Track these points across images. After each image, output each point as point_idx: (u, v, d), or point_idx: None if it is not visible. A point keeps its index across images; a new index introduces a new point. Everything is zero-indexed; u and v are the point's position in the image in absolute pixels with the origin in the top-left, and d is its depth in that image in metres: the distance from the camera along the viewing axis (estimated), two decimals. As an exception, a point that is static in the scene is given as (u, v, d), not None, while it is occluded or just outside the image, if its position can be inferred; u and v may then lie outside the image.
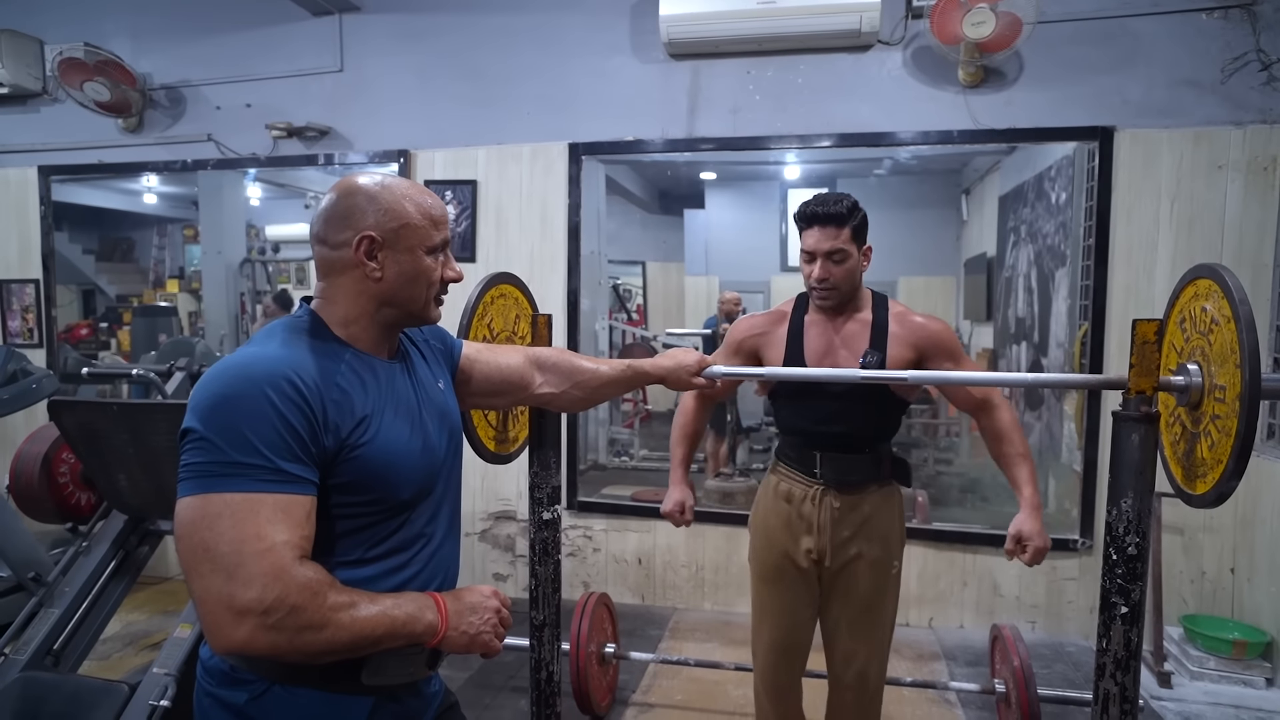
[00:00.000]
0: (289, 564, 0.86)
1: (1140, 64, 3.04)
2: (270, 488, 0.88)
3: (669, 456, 2.08)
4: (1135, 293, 3.06)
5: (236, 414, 0.88)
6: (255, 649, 0.86)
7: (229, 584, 0.85)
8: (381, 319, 1.05)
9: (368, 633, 0.91)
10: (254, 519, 0.86)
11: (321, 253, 1.04)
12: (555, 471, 1.67)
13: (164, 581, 3.86)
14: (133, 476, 2.21)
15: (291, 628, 0.86)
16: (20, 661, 2.10)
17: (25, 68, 3.97)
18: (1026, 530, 1.69)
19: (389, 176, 1.07)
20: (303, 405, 0.91)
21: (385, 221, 1.01)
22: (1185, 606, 3.08)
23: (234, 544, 0.85)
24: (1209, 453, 1.26)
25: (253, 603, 0.84)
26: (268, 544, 0.86)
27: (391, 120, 3.70)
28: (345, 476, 0.96)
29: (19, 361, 3.05)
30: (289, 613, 0.85)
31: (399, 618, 0.94)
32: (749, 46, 3.28)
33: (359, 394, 0.99)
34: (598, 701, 2.56)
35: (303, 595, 0.86)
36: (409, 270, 1.04)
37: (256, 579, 0.84)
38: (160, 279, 5.95)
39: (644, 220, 6.42)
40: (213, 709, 0.99)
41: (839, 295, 1.79)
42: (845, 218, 1.74)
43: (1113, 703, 1.33)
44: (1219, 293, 1.24)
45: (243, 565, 0.85)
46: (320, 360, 0.97)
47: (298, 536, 0.89)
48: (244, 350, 0.96)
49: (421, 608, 0.97)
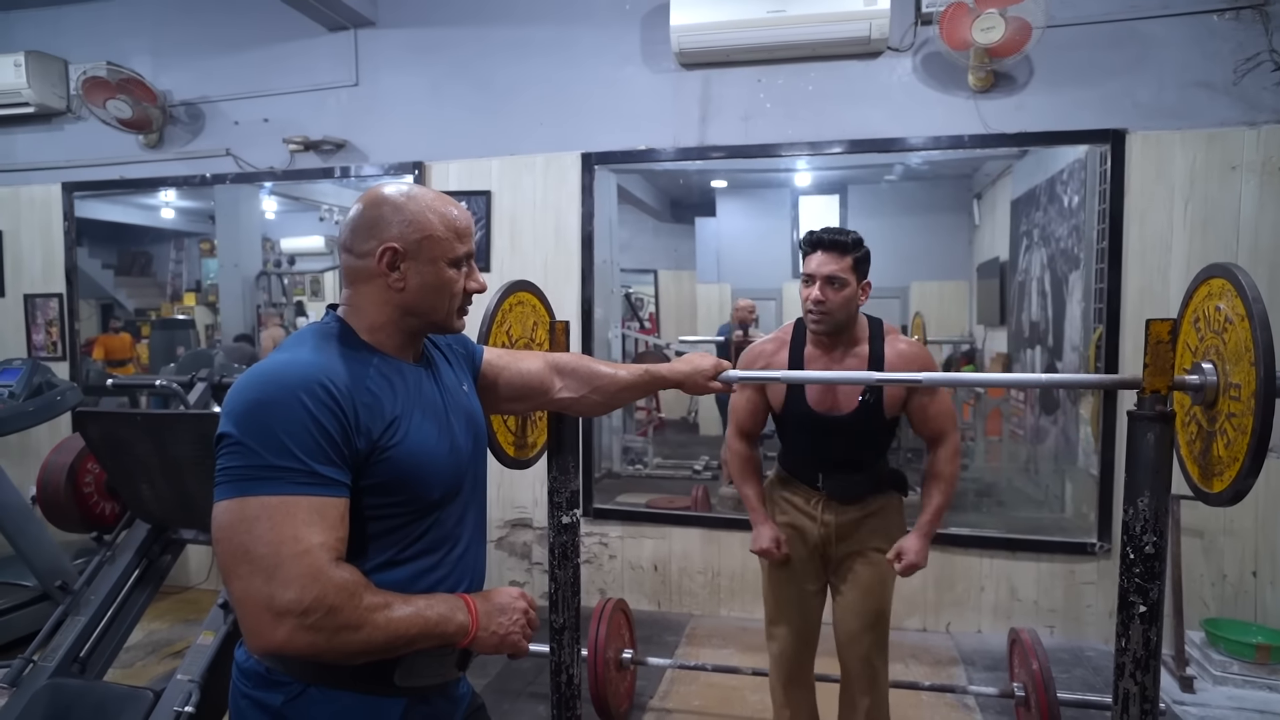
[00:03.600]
0: (326, 565, 0.88)
1: (1151, 66, 3.04)
2: (306, 490, 0.90)
3: (683, 465, 2.13)
4: (1150, 295, 3.05)
5: (271, 418, 0.90)
6: (294, 649, 0.87)
7: (268, 585, 0.86)
8: (406, 327, 1.07)
9: (402, 632, 0.93)
10: (291, 521, 0.88)
11: (348, 261, 1.06)
12: (574, 476, 1.69)
13: (185, 590, 3.90)
14: (155, 486, 2.25)
15: (329, 628, 0.87)
16: (48, 668, 2.14)
17: (50, 87, 4.06)
18: (906, 546, 1.85)
19: (416, 187, 1.09)
20: (335, 409, 0.93)
21: (408, 233, 1.03)
22: (1206, 610, 3.05)
23: (272, 546, 0.87)
24: (1225, 451, 1.26)
25: (291, 604, 0.86)
26: (304, 546, 0.88)
27: (406, 133, 3.75)
28: (376, 478, 0.98)
29: (44, 374, 3.11)
30: (327, 613, 0.87)
31: (432, 618, 0.96)
32: (759, 55, 3.30)
33: (388, 397, 1.01)
34: (616, 707, 2.57)
35: (340, 596, 0.88)
36: (431, 281, 1.05)
37: (295, 580, 0.86)
38: (178, 292, 6.01)
39: (656, 229, 6.44)
40: (248, 710, 1.01)
41: (832, 321, 1.82)
42: (849, 247, 1.80)
43: (1133, 702, 1.33)
44: (1232, 291, 1.25)
45: (281, 567, 0.86)
46: (349, 365, 0.99)
47: (333, 539, 0.91)
48: (275, 356, 0.99)
49: (453, 609, 0.99)
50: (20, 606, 3.17)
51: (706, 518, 3.68)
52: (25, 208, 4.23)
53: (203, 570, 3.95)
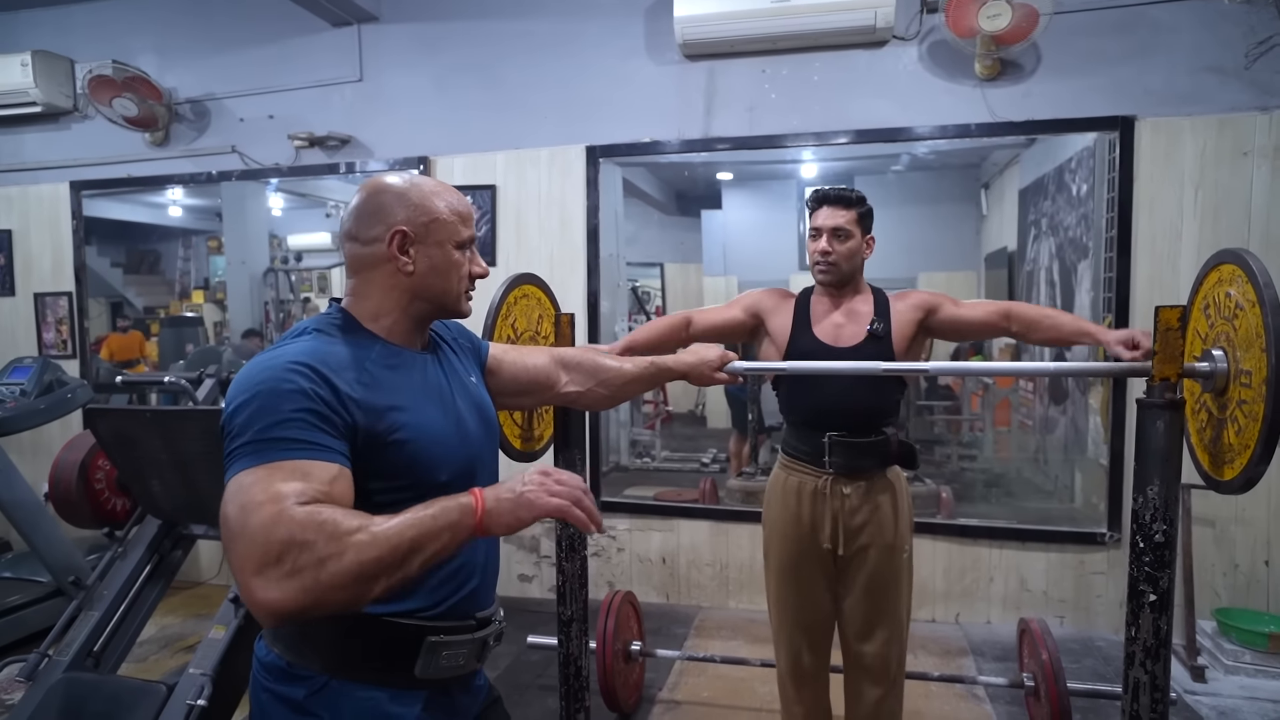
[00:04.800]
0: (288, 508, 0.83)
1: (1160, 52, 3.01)
2: (291, 455, 0.88)
3: (690, 458, 2.10)
4: (1159, 283, 3.02)
5: (262, 400, 0.90)
6: (290, 603, 0.81)
7: (242, 545, 0.82)
8: (414, 312, 1.08)
9: (396, 541, 0.85)
10: (269, 482, 0.85)
11: (353, 249, 1.06)
12: (580, 468, 1.69)
13: (197, 586, 3.93)
14: (166, 482, 2.26)
15: (309, 565, 0.81)
16: (63, 663, 2.16)
17: (57, 86, 4.07)
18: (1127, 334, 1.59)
19: (416, 175, 1.10)
20: (323, 383, 0.93)
21: (416, 216, 1.04)
22: (1218, 600, 3.03)
23: (243, 506, 0.84)
24: (1236, 438, 1.25)
25: (262, 555, 0.81)
26: (270, 495, 0.84)
27: (411, 128, 3.75)
28: (381, 463, 0.97)
29: (55, 372, 3.13)
30: (300, 550, 0.81)
31: (427, 514, 0.88)
32: (763, 45, 3.28)
33: (389, 380, 1.01)
34: (625, 699, 2.57)
35: (305, 530, 0.82)
36: (440, 264, 1.07)
37: (260, 531, 0.82)
38: (186, 290, 6.05)
39: (661, 222, 6.44)
40: (271, 704, 1.00)
41: (838, 272, 1.88)
42: (853, 202, 1.88)
43: (1143, 691, 1.33)
44: (1243, 277, 1.23)
45: (248, 524, 0.82)
46: (349, 350, 1.00)
47: (311, 489, 0.86)
48: (271, 348, 1.00)
49: (449, 499, 0.91)
50: (35, 602, 3.21)
51: (714, 510, 3.69)
52: (34, 207, 4.25)
53: (214, 565, 3.98)
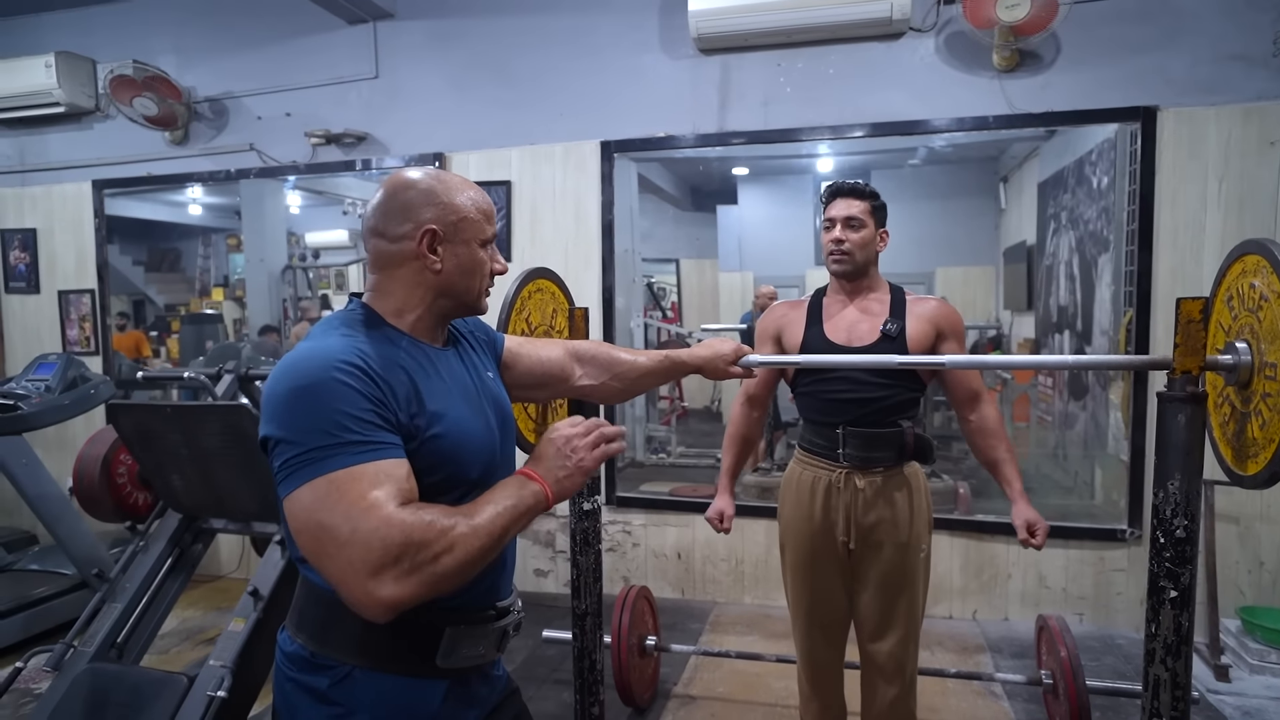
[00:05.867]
0: (393, 512, 0.88)
1: (1184, 40, 2.96)
2: (366, 457, 0.90)
3: (706, 454, 2.11)
4: (1182, 276, 2.98)
5: (311, 403, 0.91)
6: (408, 598, 0.87)
7: (353, 551, 0.86)
8: (437, 309, 1.08)
9: (491, 529, 0.94)
10: (357, 486, 0.88)
11: (379, 246, 1.05)
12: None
13: (217, 579, 3.98)
14: (186, 476, 2.29)
15: (426, 562, 0.88)
16: (87, 654, 2.20)
17: (80, 86, 4.13)
18: (1030, 516, 1.87)
19: (440, 171, 1.11)
20: (371, 380, 0.94)
21: (445, 215, 1.04)
22: (1243, 598, 2.99)
23: (345, 515, 0.87)
24: (1260, 432, 1.23)
25: (380, 558, 0.86)
26: (370, 501, 0.88)
27: (426, 124, 3.76)
28: (417, 459, 0.97)
29: (78, 368, 3.18)
30: (416, 550, 0.87)
31: (509, 504, 0.97)
32: (778, 39, 3.26)
33: (421, 376, 1.01)
34: (639, 693, 2.58)
35: (419, 530, 0.88)
36: (466, 263, 1.07)
37: (374, 536, 0.86)
38: (206, 288, 6.12)
39: (677, 217, 6.43)
40: (295, 694, 1.02)
41: (852, 262, 1.88)
42: (866, 194, 1.90)
43: (1164, 689, 1.31)
44: (1268, 268, 1.21)
45: (358, 530, 0.86)
46: (379, 346, 1.00)
47: (400, 490, 0.91)
48: (302, 346, 0.98)
49: (518, 486, 1.00)
50: (60, 594, 3.27)
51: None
52: (58, 205, 4.32)
53: (233, 559, 4.03)
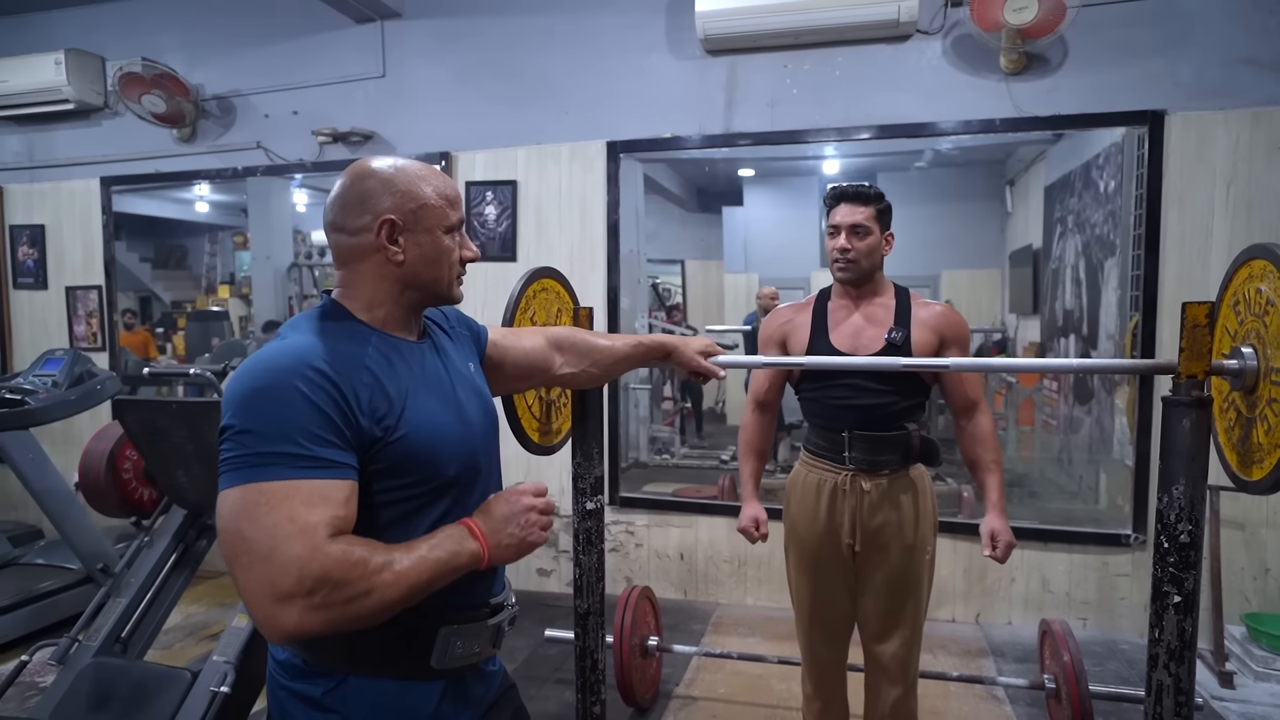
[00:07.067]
0: (321, 542, 0.85)
1: (1192, 44, 2.95)
2: (306, 474, 0.87)
3: (709, 455, 2.10)
4: (1189, 281, 2.97)
5: (268, 405, 0.89)
6: (308, 631, 0.85)
7: (268, 571, 0.83)
8: (406, 301, 1.05)
9: (415, 580, 0.91)
10: (288, 504, 0.85)
11: (339, 240, 1.03)
12: (598, 462, 1.70)
13: (221, 575, 3.98)
14: (191, 472, 2.30)
15: (338, 602, 0.85)
16: (92, 648, 2.21)
17: (89, 83, 4.15)
18: (997, 528, 1.83)
19: (400, 159, 1.06)
20: (332, 391, 0.91)
21: (403, 203, 1.01)
22: (1248, 605, 2.98)
23: (268, 531, 0.84)
24: (1265, 438, 1.23)
25: (293, 587, 0.83)
26: (299, 525, 0.85)
27: (432, 123, 3.77)
28: (385, 461, 0.96)
29: (85, 364, 3.19)
30: (332, 588, 0.84)
31: (441, 558, 0.94)
32: (785, 40, 3.26)
33: (388, 375, 0.98)
34: (641, 694, 2.58)
35: (340, 568, 0.85)
36: (430, 251, 1.04)
37: (292, 562, 0.83)
38: (212, 285, 6.14)
39: (682, 218, 6.43)
40: (289, 702, 1.00)
41: (858, 269, 1.86)
42: (871, 199, 1.86)
43: (1167, 694, 1.30)
44: (1275, 272, 1.21)
45: (277, 550, 0.84)
46: (347, 345, 0.97)
47: (334, 516, 0.88)
48: (271, 344, 0.97)
49: (458, 541, 0.97)
50: (65, 588, 3.29)
51: (733, 507, 3.64)
52: (66, 202, 4.34)
53: (238, 556, 4.03)
